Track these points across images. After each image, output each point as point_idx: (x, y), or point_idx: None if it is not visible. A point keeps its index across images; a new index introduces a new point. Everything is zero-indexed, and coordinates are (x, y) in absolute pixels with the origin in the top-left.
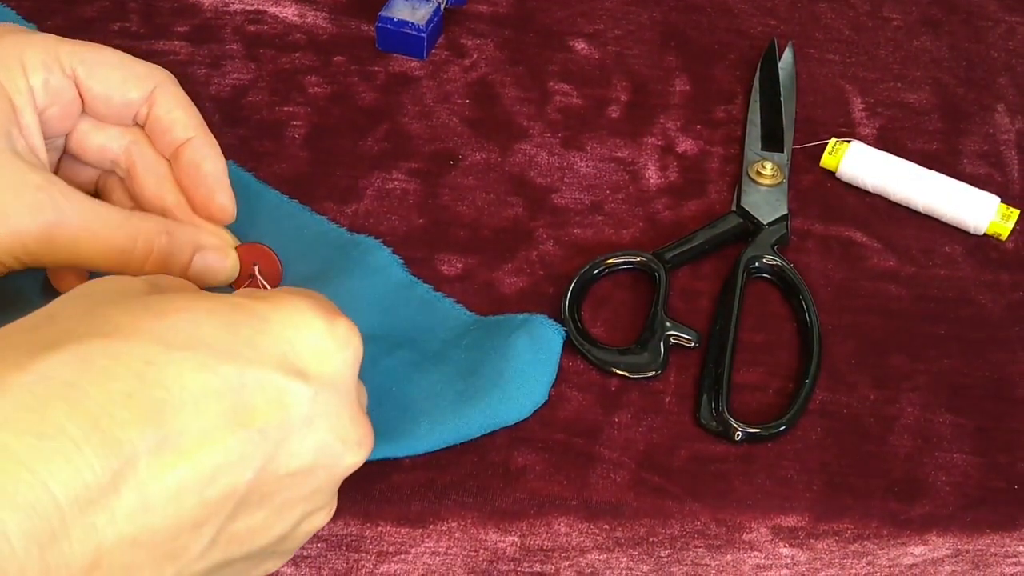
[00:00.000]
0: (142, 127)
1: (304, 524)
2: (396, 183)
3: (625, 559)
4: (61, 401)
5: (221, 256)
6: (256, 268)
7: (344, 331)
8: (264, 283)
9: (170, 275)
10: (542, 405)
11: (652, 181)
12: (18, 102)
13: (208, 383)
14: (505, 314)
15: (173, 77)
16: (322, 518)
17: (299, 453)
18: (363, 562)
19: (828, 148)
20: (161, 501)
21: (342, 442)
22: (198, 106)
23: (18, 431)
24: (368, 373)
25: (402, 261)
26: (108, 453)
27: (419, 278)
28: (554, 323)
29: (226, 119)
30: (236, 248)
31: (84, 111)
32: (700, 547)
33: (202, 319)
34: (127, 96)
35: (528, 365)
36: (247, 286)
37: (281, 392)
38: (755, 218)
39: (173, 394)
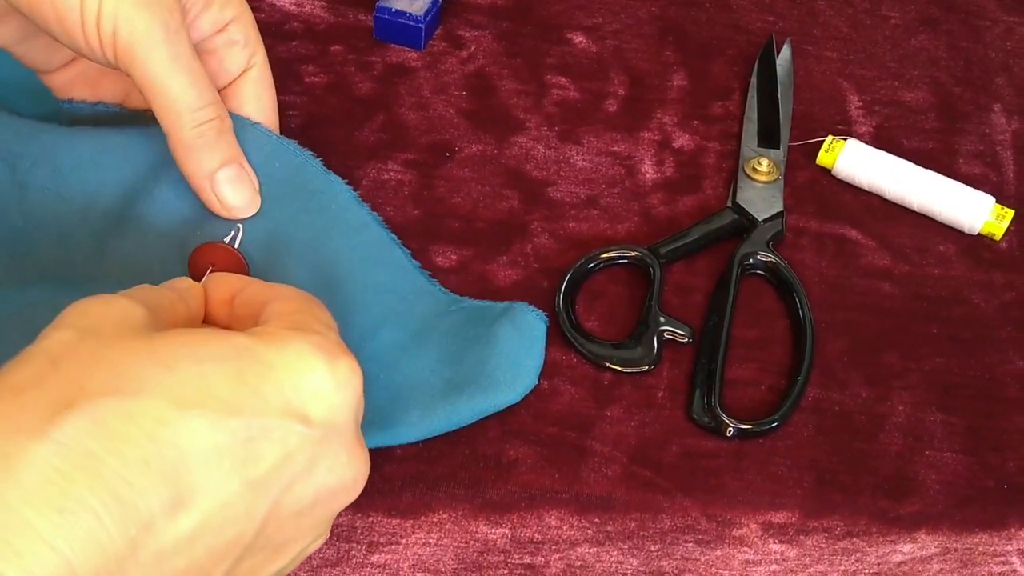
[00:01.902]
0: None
1: (299, 554)
2: (392, 174)
3: (615, 552)
4: (81, 473)
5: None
6: (211, 269)
7: (345, 371)
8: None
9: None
10: (532, 390)
11: (648, 176)
12: None
13: (218, 440)
14: (485, 300)
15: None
16: (316, 546)
17: (301, 496)
18: (354, 552)
19: (824, 145)
20: (172, 555)
21: (340, 481)
22: None
23: (40, 507)
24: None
25: (380, 219)
26: (127, 521)
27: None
28: (536, 309)
29: None
30: (197, 248)
31: None
32: (690, 542)
33: (208, 370)
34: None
35: (513, 351)
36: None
37: (286, 439)
38: (750, 214)
39: (185, 453)
